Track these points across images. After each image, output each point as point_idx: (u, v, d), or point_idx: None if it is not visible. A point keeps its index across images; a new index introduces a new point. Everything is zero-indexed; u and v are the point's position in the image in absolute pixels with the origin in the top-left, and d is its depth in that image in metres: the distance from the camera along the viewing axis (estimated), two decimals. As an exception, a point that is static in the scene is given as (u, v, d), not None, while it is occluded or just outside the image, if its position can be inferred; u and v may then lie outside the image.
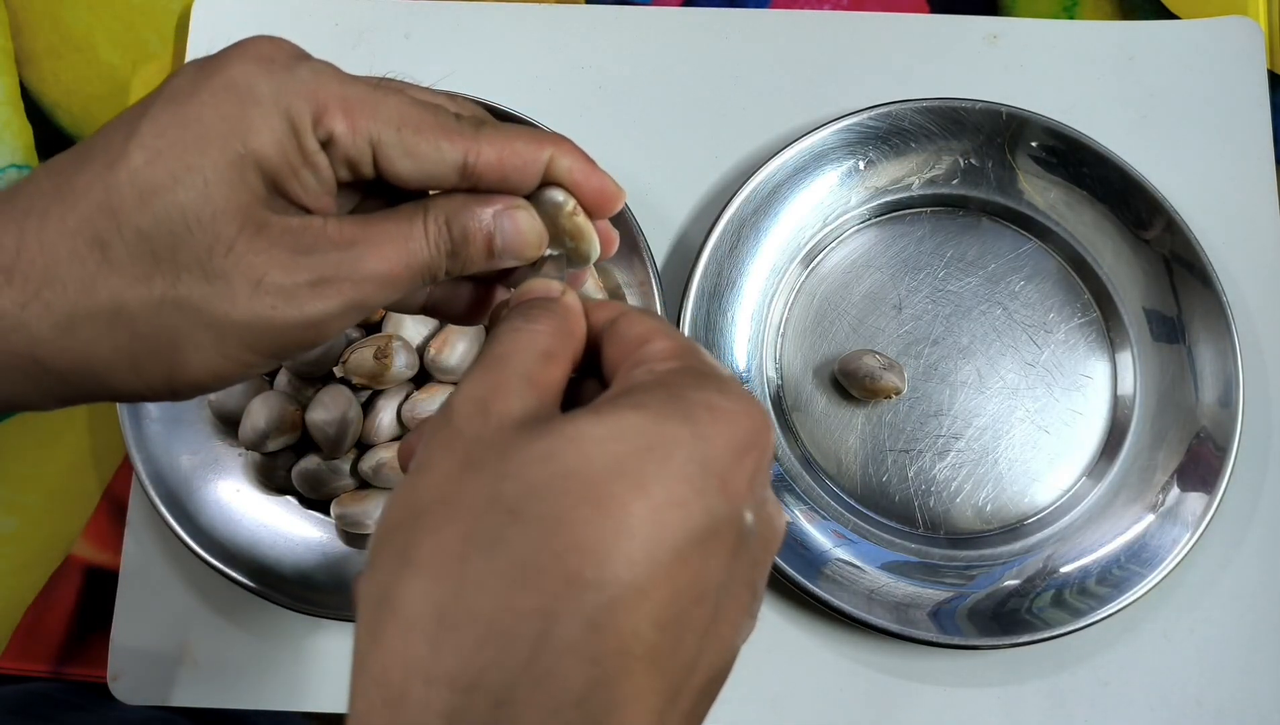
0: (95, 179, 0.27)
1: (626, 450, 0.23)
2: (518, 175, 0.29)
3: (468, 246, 0.29)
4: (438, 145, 0.28)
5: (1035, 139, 0.53)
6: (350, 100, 0.28)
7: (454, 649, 0.22)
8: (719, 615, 0.24)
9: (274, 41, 0.29)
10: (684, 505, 0.23)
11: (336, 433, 0.48)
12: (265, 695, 0.50)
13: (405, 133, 0.28)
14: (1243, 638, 0.50)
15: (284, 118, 0.27)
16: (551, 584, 0.22)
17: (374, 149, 0.28)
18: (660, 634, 0.23)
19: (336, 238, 0.28)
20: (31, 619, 0.51)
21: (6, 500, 0.53)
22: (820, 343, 0.53)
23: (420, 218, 0.29)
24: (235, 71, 0.28)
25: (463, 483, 0.24)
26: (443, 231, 0.29)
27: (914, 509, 0.51)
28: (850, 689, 0.49)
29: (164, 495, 0.48)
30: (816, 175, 0.53)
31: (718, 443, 0.24)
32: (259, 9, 0.58)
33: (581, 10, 0.58)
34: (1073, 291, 0.53)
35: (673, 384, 0.25)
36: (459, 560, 0.23)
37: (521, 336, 0.27)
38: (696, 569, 0.23)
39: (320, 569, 0.49)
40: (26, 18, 0.59)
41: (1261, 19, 0.57)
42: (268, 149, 0.27)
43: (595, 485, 0.23)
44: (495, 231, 0.29)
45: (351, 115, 0.28)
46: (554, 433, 0.23)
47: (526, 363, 0.26)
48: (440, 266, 0.29)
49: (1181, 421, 0.50)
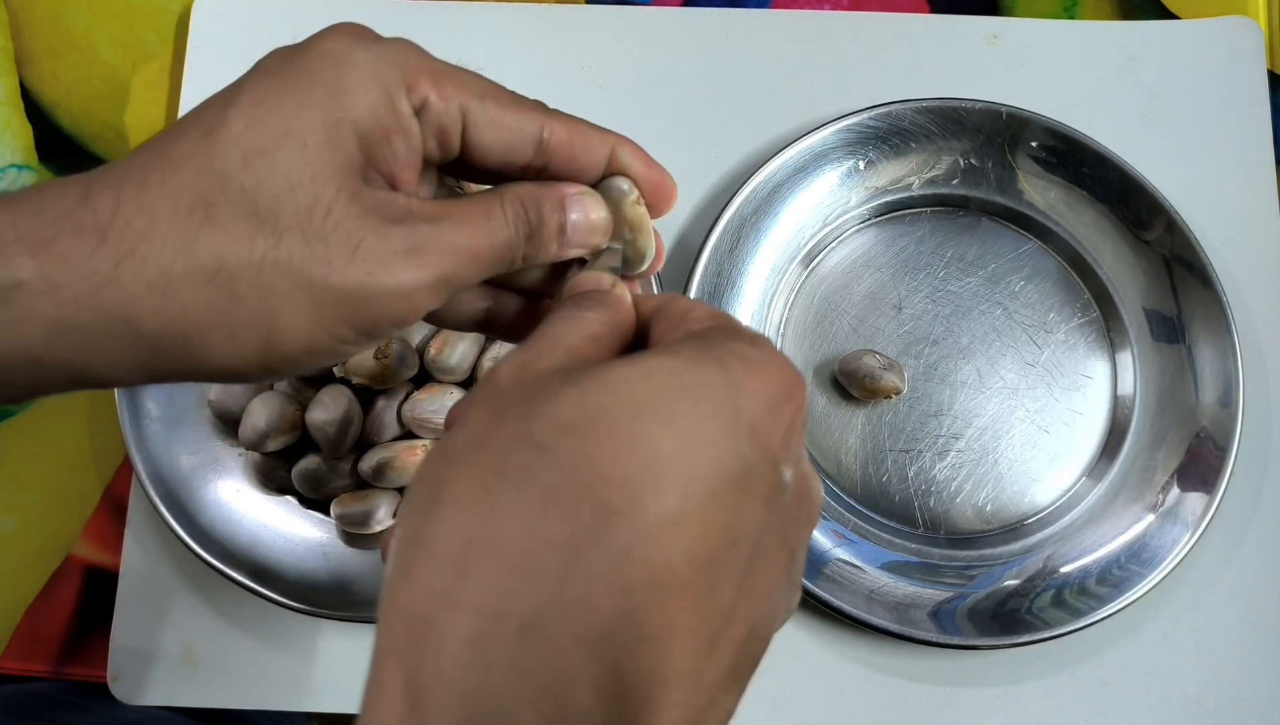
0: (195, 146, 0.27)
1: (657, 389, 0.23)
2: (586, 155, 0.31)
3: (543, 229, 0.30)
4: (518, 116, 0.30)
5: (1035, 139, 0.53)
6: (438, 71, 0.29)
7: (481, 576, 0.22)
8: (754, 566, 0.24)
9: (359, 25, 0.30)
10: (715, 444, 0.23)
11: (337, 433, 0.48)
12: (265, 695, 0.50)
13: (489, 103, 0.29)
14: (1243, 638, 0.50)
15: (379, 84, 0.28)
16: (581, 513, 0.22)
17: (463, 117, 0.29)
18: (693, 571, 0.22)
19: (423, 212, 0.28)
20: (31, 619, 0.51)
21: (6, 500, 0.53)
22: (820, 343, 0.53)
23: (498, 200, 0.30)
24: (329, 44, 0.28)
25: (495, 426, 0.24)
26: (520, 213, 0.30)
27: (914, 509, 0.51)
28: (850, 689, 0.49)
29: (164, 495, 0.48)
30: (816, 175, 0.53)
31: (751, 390, 0.24)
32: (259, 9, 0.58)
33: (581, 10, 0.58)
34: (1073, 291, 0.53)
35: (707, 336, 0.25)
36: (486, 492, 0.23)
37: (571, 321, 0.27)
38: (730, 510, 0.23)
39: (320, 569, 0.49)
40: (26, 18, 0.59)
41: (1261, 19, 0.57)
42: (364, 112, 0.28)
43: (625, 422, 0.23)
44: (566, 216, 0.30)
45: (441, 85, 0.29)
46: (586, 376, 0.24)
47: (572, 340, 0.27)
48: (519, 249, 0.30)
49: (1181, 421, 0.50)
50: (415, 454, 0.49)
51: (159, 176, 0.27)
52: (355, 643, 0.50)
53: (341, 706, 0.50)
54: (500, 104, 0.30)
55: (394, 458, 0.48)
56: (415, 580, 0.22)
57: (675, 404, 0.23)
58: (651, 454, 0.22)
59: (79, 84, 0.58)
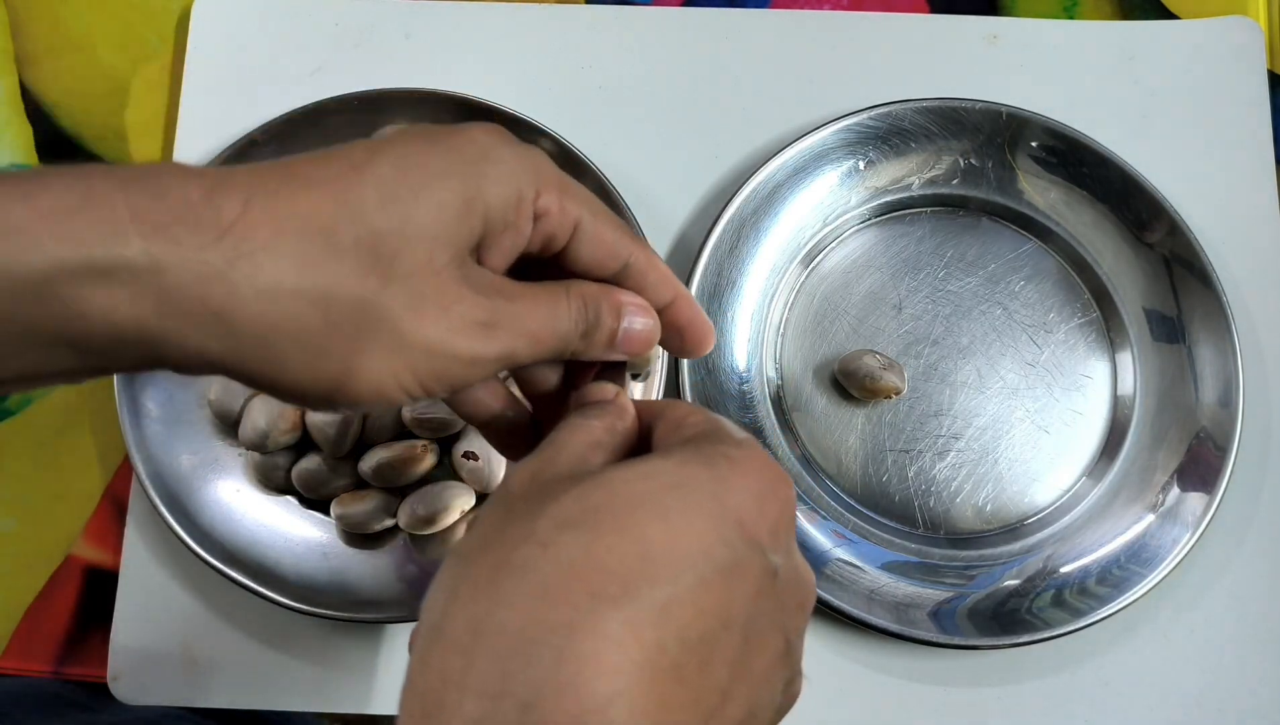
0: (337, 176, 0.28)
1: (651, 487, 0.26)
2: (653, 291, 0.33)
3: (598, 331, 0.32)
4: (618, 239, 0.32)
5: (1035, 139, 0.53)
6: (564, 185, 0.31)
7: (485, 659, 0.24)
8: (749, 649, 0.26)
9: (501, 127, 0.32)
10: (703, 534, 0.25)
11: (336, 433, 0.48)
12: (265, 695, 0.50)
13: (598, 221, 0.32)
14: (1243, 638, 0.50)
15: (515, 183, 0.30)
16: (577, 600, 0.24)
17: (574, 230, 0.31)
18: (685, 651, 0.24)
19: (505, 290, 0.30)
20: (31, 619, 0.51)
21: (6, 500, 0.53)
22: (820, 343, 0.53)
23: (564, 293, 0.31)
24: (478, 133, 0.31)
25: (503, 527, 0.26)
26: (582, 310, 0.31)
27: (914, 509, 0.51)
28: (850, 689, 0.49)
29: (164, 495, 0.48)
30: (816, 175, 0.53)
31: (736, 486, 0.26)
32: (259, 9, 0.58)
33: (581, 10, 0.58)
34: (1073, 291, 0.53)
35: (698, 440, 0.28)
36: (491, 584, 0.25)
37: (577, 429, 0.30)
38: (720, 594, 0.25)
39: (320, 569, 0.49)
40: (26, 18, 0.59)
41: (1261, 19, 0.57)
42: (496, 202, 0.29)
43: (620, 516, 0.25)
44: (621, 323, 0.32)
45: (564, 196, 0.31)
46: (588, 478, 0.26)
47: (577, 446, 0.29)
48: (572, 343, 0.32)
49: (1181, 421, 0.51)
50: (415, 453, 0.49)
51: (289, 191, 0.28)
52: (355, 643, 0.50)
53: (341, 706, 0.50)
54: (606, 224, 0.32)
55: (394, 458, 0.48)
56: (431, 666, 0.24)
57: (667, 499, 0.25)
58: (644, 544, 0.24)
59: (79, 84, 0.58)
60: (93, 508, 0.53)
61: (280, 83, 0.56)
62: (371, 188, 0.28)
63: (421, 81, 0.54)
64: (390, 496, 0.49)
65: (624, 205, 0.50)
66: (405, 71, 0.56)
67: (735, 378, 0.52)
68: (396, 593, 0.49)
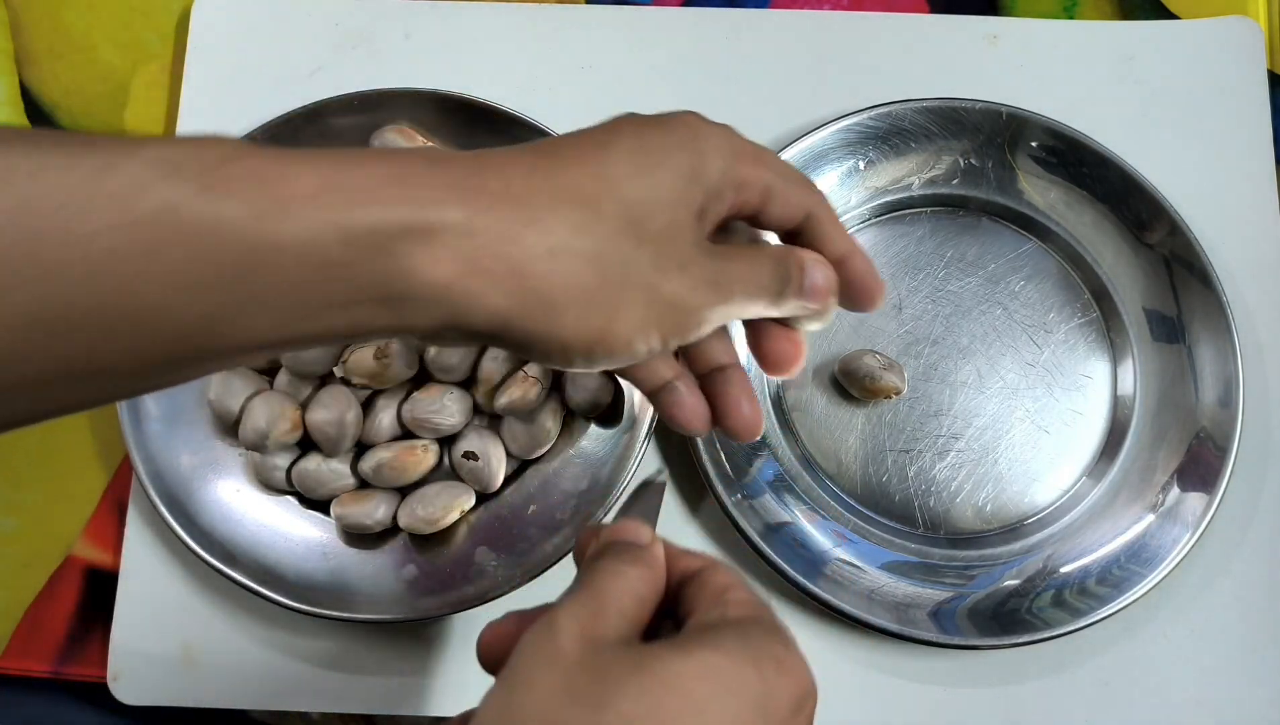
0: (588, 153, 0.31)
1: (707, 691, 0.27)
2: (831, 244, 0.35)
3: (789, 285, 0.34)
4: (803, 197, 0.34)
5: (1035, 139, 0.53)
6: (758, 153, 0.34)
7: None
8: None
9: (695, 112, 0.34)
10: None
11: (336, 433, 0.48)
12: (265, 695, 0.50)
13: (786, 182, 0.34)
14: (1243, 638, 0.50)
15: (724, 155, 0.33)
16: None
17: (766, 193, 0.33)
18: None
19: (722, 253, 0.33)
20: (31, 619, 0.51)
21: (6, 500, 0.53)
22: (820, 343, 0.53)
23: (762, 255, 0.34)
24: (686, 116, 0.33)
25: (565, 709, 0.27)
26: (777, 268, 0.34)
27: (914, 509, 0.51)
28: (850, 689, 0.49)
29: (164, 495, 0.48)
30: (816, 175, 0.53)
31: (779, 695, 0.28)
32: (259, 9, 0.58)
33: (581, 10, 0.58)
34: (1073, 291, 0.53)
35: (748, 630, 0.29)
36: None
37: (620, 579, 0.31)
38: None
39: (320, 569, 0.49)
40: (26, 18, 0.59)
41: (1261, 19, 0.57)
42: (714, 173, 0.32)
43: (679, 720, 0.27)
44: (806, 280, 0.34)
45: (759, 165, 0.33)
46: (646, 670, 0.27)
47: (623, 601, 0.30)
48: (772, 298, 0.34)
49: (1181, 421, 0.51)
50: (415, 453, 0.49)
51: (546, 166, 0.31)
52: (355, 643, 0.50)
53: (342, 706, 0.50)
54: (793, 185, 0.34)
55: (393, 458, 0.48)
56: None
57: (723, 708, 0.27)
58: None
59: (79, 84, 0.58)
60: (93, 508, 0.53)
61: (280, 83, 0.56)
62: (620, 163, 0.31)
63: (421, 81, 0.54)
64: (390, 497, 0.49)
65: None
66: (405, 71, 0.56)
67: (735, 378, 0.51)
68: (396, 593, 0.49)
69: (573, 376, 0.50)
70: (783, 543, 0.49)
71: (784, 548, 0.48)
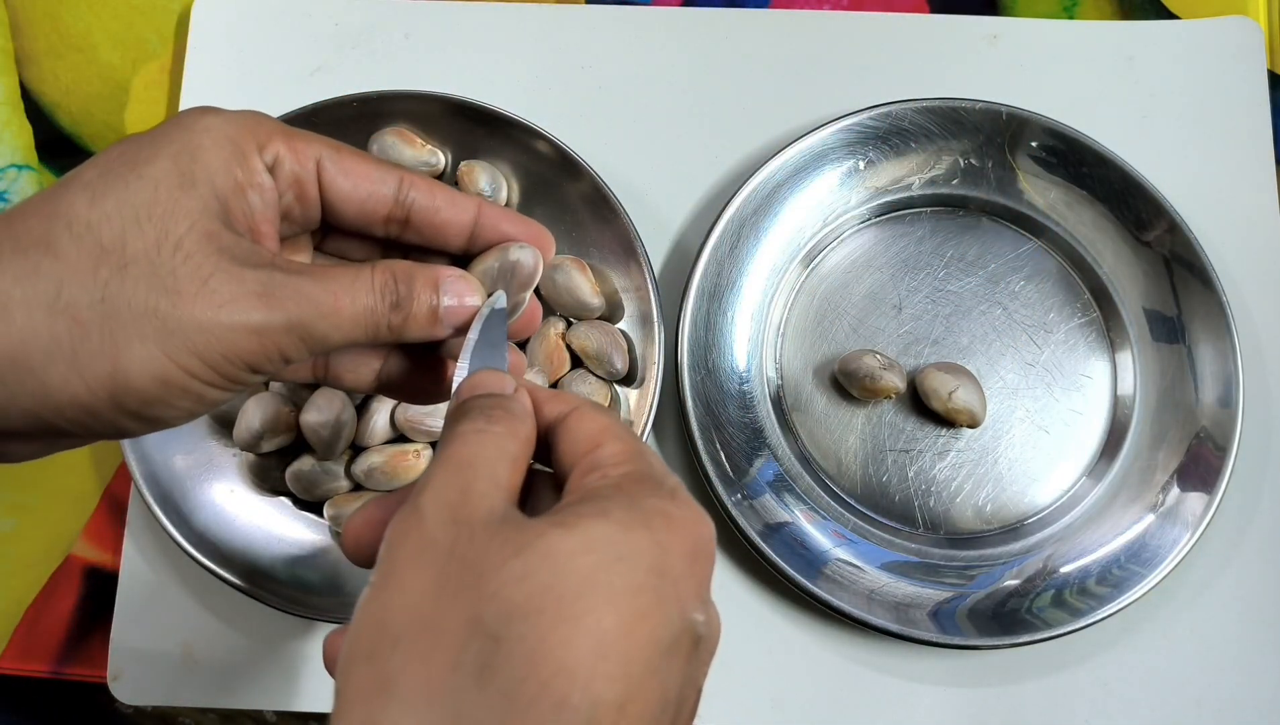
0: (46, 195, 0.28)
1: (596, 562, 0.24)
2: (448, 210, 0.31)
3: (411, 302, 0.30)
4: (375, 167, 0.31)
5: (1035, 139, 0.53)
6: (290, 132, 0.30)
7: None
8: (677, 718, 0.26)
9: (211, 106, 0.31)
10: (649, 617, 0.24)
11: (330, 435, 0.48)
12: (265, 695, 0.50)
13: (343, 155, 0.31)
14: (1243, 638, 0.50)
15: (231, 141, 0.29)
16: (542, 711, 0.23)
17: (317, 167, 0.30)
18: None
19: (284, 265, 0.29)
20: (31, 619, 0.51)
21: (6, 500, 0.53)
22: (820, 343, 0.53)
23: (369, 267, 0.30)
24: (181, 117, 0.30)
25: (441, 604, 0.24)
26: (389, 281, 0.30)
27: (914, 509, 0.51)
28: (850, 689, 0.49)
29: (159, 496, 0.48)
30: (816, 175, 0.53)
31: (674, 551, 0.26)
32: (259, 9, 0.58)
33: (581, 10, 0.58)
34: (1073, 291, 0.53)
35: (631, 491, 0.26)
36: (450, 691, 0.23)
37: (486, 439, 0.27)
38: (663, 678, 0.25)
39: (314, 571, 0.49)
40: (26, 18, 0.59)
41: (1261, 19, 0.57)
42: (217, 166, 0.29)
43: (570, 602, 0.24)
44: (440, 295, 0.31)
45: (293, 142, 0.30)
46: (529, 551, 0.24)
47: (493, 468, 0.27)
48: (383, 317, 0.30)
49: (1181, 421, 0.50)
50: (408, 458, 0.49)
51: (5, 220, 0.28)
52: (355, 643, 0.50)
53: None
54: (355, 157, 0.31)
55: (385, 462, 0.48)
56: None
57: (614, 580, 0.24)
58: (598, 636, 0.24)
59: (79, 84, 0.58)
60: (92, 508, 0.53)
61: (280, 83, 0.56)
62: (79, 191, 0.28)
63: (421, 81, 0.54)
64: (388, 497, 0.49)
65: (620, 206, 0.50)
66: (405, 71, 0.56)
67: (735, 378, 0.51)
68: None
69: (566, 379, 0.50)
70: (783, 543, 0.49)
71: (784, 548, 0.48)
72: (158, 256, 0.27)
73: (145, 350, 0.27)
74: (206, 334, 0.27)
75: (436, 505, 0.26)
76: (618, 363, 0.50)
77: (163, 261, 0.27)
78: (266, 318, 0.28)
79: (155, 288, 0.27)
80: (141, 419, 0.28)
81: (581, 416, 0.29)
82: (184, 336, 0.27)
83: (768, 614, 0.50)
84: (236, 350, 0.28)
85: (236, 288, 0.28)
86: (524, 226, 0.33)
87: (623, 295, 0.51)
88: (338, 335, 0.30)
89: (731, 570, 0.50)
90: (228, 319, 0.28)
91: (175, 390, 0.28)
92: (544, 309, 0.52)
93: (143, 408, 0.28)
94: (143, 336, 0.27)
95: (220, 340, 0.28)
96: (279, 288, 0.28)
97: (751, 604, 0.50)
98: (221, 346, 0.28)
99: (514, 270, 0.32)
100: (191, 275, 0.27)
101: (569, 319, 0.51)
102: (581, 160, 0.50)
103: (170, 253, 0.27)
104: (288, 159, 0.30)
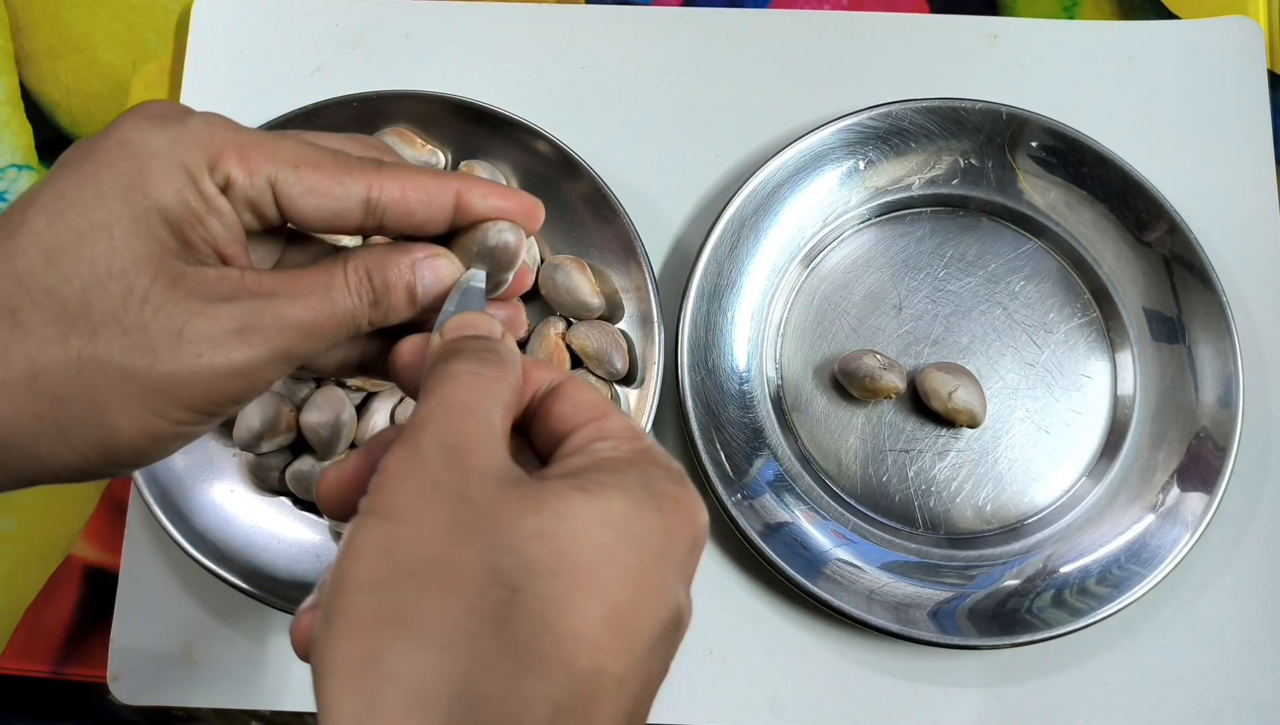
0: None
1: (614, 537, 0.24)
2: (423, 209, 0.30)
3: (389, 295, 0.30)
4: (339, 180, 0.29)
5: (1035, 139, 0.53)
6: (245, 144, 0.28)
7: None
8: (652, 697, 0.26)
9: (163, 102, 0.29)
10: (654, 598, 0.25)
11: (330, 434, 0.48)
12: (265, 695, 0.50)
13: (304, 171, 0.28)
14: (1243, 638, 0.50)
15: (180, 167, 0.27)
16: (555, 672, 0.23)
17: (273, 188, 0.28)
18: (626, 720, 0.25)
19: (255, 288, 0.28)
20: (31, 619, 0.51)
21: (6, 500, 0.53)
22: (820, 343, 0.53)
23: (341, 267, 0.29)
24: (126, 130, 0.28)
25: (456, 546, 0.24)
26: (364, 280, 0.29)
27: (914, 509, 0.51)
28: (850, 689, 0.49)
29: (158, 496, 0.48)
30: (816, 175, 0.53)
31: (680, 537, 0.26)
32: (259, 9, 0.58)
33: (581, 10, 0.58)
34: (1073, 291, 0.53)
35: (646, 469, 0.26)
36: (468, 635, 0.23)
37: (481, 383, 0.27)
38: (660, 659, 0.26)
39: (313, 571, 0.49)
40: (26, 18, 0.59)
41: (1261, 19, 0.57)
42: (168, 198, 0.27)
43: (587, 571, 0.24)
44: (416, 279, 0.30)
45: (247, 158, 0.28)
46: (546, 508, 0.24)
47: (489, 414, 0.26)
48: (363, 316, 0.30)
49: (1181, 421, 0.50)
50: None
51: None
52: (355, 643, 0.50)
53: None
54: (318, 170, 0.29)
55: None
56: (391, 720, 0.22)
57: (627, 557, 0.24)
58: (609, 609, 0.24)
59: (79, 84, 0.58)
60: (92, 508, 0.53)
61: (280, 83, 0.56)
62: (30, 249, 0.26)
63: (421, 82, 0.54)
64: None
65: (620, 206, 0.50)
66: (405, 71, 0.56)
67: (735, 378, 0.51)
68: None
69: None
70: (783, 543, 0.49)
71: (784, 548, 0.48)
72: (126, 315, 0.26)
73: (130, 413, 0.27)
74: (189, 388, 0.27)
75: (439, 448, 0.25)
76: (618, 363, 0.50)
77: (131, 320, 0.26)
78: (249, 356, 0.27)
79: (129, 349, 0.26)
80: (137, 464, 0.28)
81: (579, 384, 0.29)
82: (167, 393, 0.27)
83: (767, 614, 0.50)
84: (224, 393, 0.28)
85: (212, 329, 0.27)
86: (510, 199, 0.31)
87: (623, 295, 0.51)
88: (321, 346, 0.29)
89: (731, 570, 0.50)
90: (209, 368, 0.27)
91: (166, 439, 0.28)
92: (544, 309, 0.52)
93: (137, 459, 0.28)
94: (125, 401, 0.26)
95: (205, 389, 0.27)
96: (256, 318, 0.27)
97: (751, 604, 0.50)
98: (208, 393, 0.27)
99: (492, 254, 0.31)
100: (163, 329, 0.26)
101: (569, 319, 0.51)
102: (581, 160, 0.50)
103: (138, 309, 0.26)
104: (240, 179, 0.28)
